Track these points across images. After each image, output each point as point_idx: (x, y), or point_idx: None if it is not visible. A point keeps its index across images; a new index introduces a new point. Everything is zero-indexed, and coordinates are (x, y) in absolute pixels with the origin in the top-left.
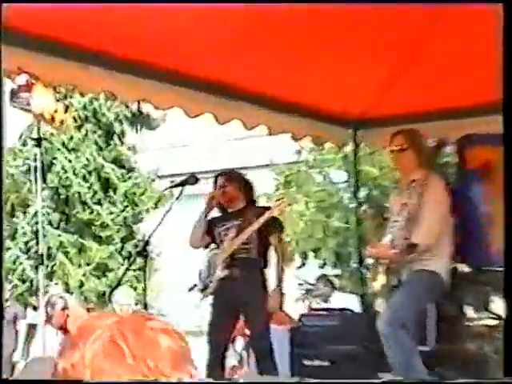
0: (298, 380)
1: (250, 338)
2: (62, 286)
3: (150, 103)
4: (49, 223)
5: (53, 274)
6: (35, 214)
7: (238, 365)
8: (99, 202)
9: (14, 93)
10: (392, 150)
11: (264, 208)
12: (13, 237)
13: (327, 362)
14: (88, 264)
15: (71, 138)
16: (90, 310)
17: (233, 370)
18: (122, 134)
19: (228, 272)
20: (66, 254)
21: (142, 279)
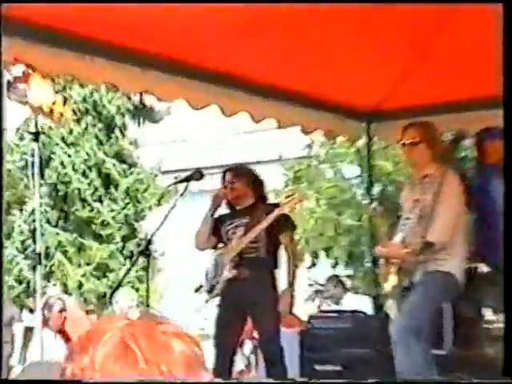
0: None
1: (258, 342)
2: (60, 287)
3: (152, 95)
4: (47, 221)
5: (51, 274)
6: (32, 211)
7: (245, 369)
8: (99, 199)
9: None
10: (404, 143)
11: (274, 205)
12: (9, 235)
13: (339, 367)
14: (88, 264)
15: (70, 132)
16: (90, 312)
17: (240, 374)
18: (123, 128)
19: (236, 272)
20: (65, 253)
21: (144, 280)
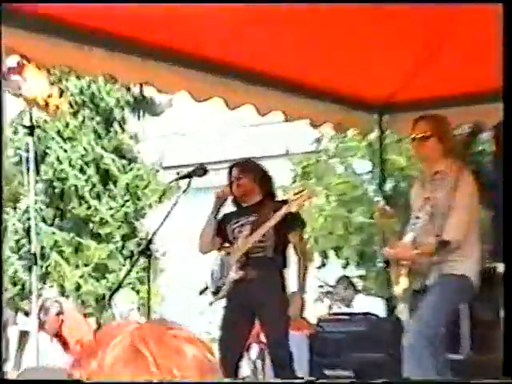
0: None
1: (266, 345)
2: (56, 289)
3: (153, 86)
4: (42, 220)
5: (47, 275)
6: (27, 209)
7: (251, 375)
8: (98, 196)
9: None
10: (414, 137)
11: (282, 202)
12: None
13: (350, 372)
14: (86, 265)
15: (67, 126)
16: (88, 315)
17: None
18: (122, 121)
19: (242, 273)
20: (62, 253)
21: (145, 281)
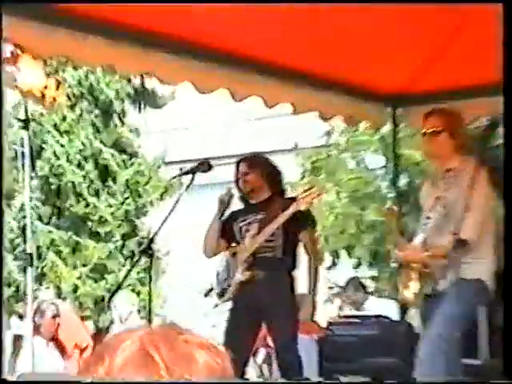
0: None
1: (273, 350)
2: (53, 291)
3: (155, 77)
4: (38, 218)
5: (43, 276)
6: (22, 207)
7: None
8: (96, 193)
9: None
10: (424, 132)
11: (292, 199)
12: None
13: (362, 378)
14: (84, 265)
15: (64, 119)
16: (86, 318)
17: None
18: (122, 114)
19: (249, 274)
20: (59, 253)
21: (146, 282)
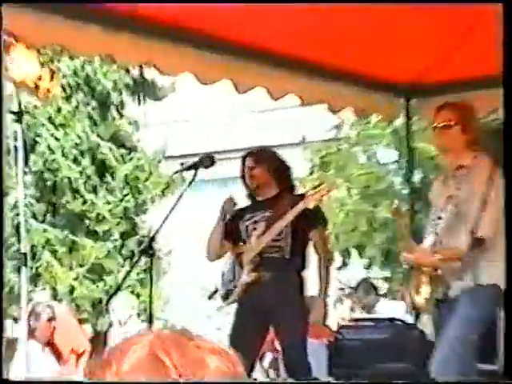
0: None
1: (281, 354)
2: (49, 292)
3: (155, 68)
4: (32, 216)
5: (38, 277)
6: (15, 204)
7: None
8: (94, 190)
9: None
10: (435, 126)
11: (302, 196)
12: None
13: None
14: (81, 265)
15: (59, 111)
16: (83, 321)
17: None
18: (121, 106)
19: (256, 275)
20: (54, 253)
21: (146, 284)
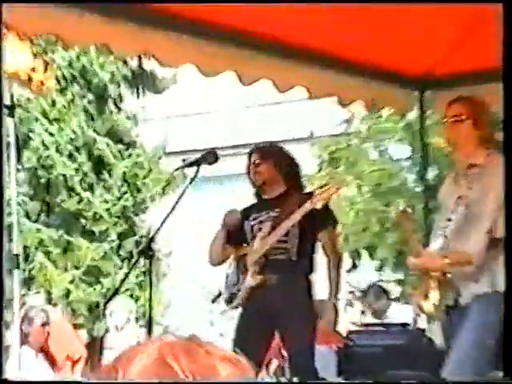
0: None
1: (287, 361)
2: (42, 296)
3: (154, 59)
4: (25, 215)
5: (31, 280)
6: (8, 203)
7: None
8: (90, 188)
9: None
10: (446, 120)
11: (310, 195)
12: None
13: None
14: (76, 267)
15: (53, 105)
16: (79, 326)
17: None
18: (118, 99)
19: (261, 278)
20: (48, 254)
21: (145, 287)
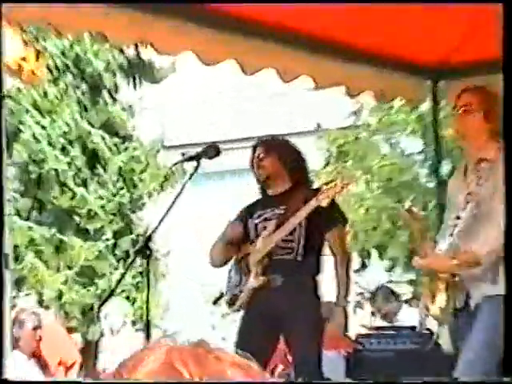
0: None
1: (292, 367)
2: (34, 298)
3: (152, 47)
4: (16, 212)
5: (22, 281)
6: None
7: None
8: (84, 183)
9: None
10: (455, 112)
11: (317, 191)
12: None
13: None
14: (69, 267)
15: (45, 96)
16: (72, 329)
17: None
18: (114, 90)
19: (264, 279)
20: (40, 254)
21: (143, 288)
